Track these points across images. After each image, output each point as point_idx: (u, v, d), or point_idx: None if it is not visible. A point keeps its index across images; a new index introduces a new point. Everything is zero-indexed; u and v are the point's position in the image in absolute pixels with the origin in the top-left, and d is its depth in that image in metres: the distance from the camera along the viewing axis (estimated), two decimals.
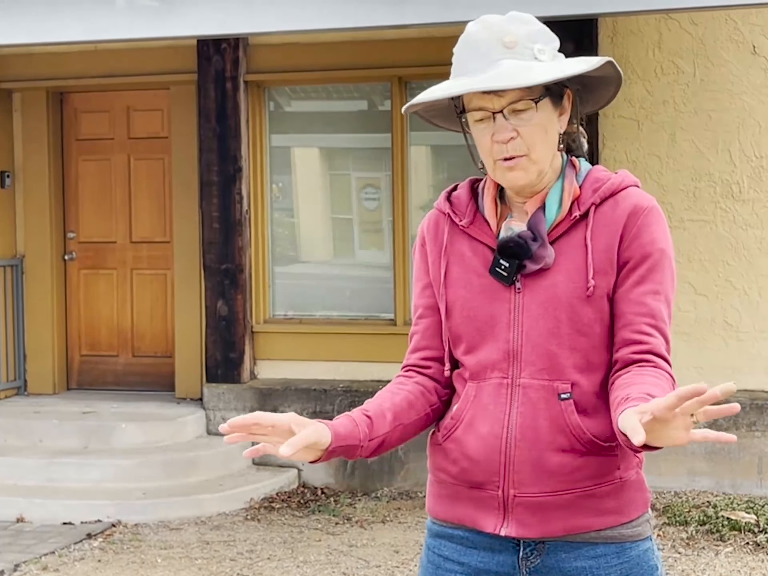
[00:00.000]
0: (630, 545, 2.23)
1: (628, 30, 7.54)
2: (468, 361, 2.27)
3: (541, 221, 2.22)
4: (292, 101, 8.56)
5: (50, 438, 7.76)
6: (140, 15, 6.93)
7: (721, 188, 7.45)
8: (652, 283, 2.19)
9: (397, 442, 2.28)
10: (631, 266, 2.19)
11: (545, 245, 2.20)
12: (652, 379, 2.10)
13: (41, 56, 8.47)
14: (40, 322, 8.77)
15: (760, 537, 6.22)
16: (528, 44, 2.16)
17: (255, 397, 7.93)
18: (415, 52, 7.72)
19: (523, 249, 2.20)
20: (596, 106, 2.36)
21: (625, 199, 2.23)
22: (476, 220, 2.30)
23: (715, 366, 7.46)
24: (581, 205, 2.23)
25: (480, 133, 2.20)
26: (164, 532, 6.73)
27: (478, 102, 2.17)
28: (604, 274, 2.19)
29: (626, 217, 2.20)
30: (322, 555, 6.26)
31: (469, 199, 2.32)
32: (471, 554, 2.28)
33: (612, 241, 2.20)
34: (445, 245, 2.31)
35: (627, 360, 2.17)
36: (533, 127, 2.17)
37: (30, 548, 6.40)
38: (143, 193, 8.74)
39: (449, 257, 2.30)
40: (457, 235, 2.31)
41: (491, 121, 2.17)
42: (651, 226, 2.21)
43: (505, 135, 2.16)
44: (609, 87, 2.29)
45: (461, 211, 2.31)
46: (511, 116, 2.16)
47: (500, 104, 2.15)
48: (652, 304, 2.19)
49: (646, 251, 2.19)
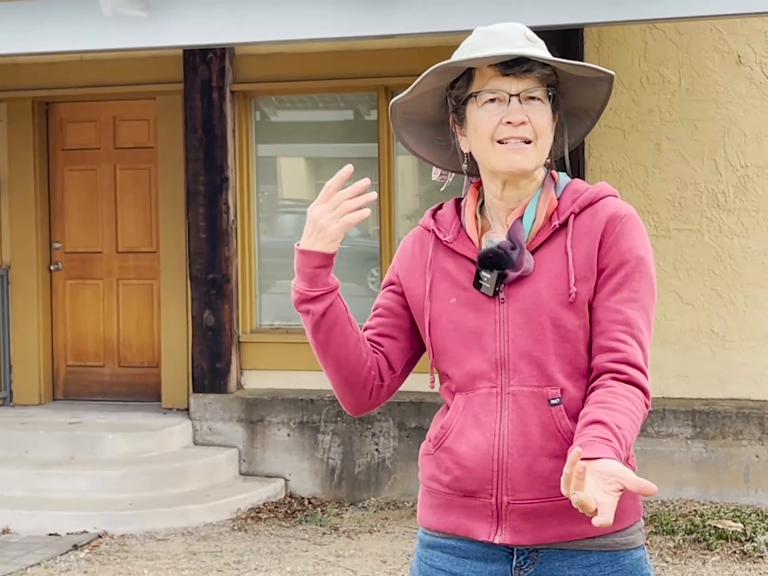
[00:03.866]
0: (623, 554, 2.23)
1: (613, 40, 7.57)
2: (455, 373, 2.27)
3: (519, 229, 2.24)
4: (279, 111, 8.57)
5: (36, 449, 7.73)
6: (127, 25, 6.92)
7: (706, 197, 7.48)
8: (629, 290, 2.20)
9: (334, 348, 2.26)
10: (608, 273, 2.21)
11: (524, 252, 2.23)
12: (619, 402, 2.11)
13: (27, 66, 8.46)
14: (26, 332, 8.74)
15: (747, 546, 6.23)
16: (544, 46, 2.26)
17: (242, 407, 7.91)
18: (401, 61, 7.73)
19: (502, 258, 2.22)
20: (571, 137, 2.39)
21: (603, 207, 2.25)
22: (460, 236, 2.32)
23: (701, 375, 7.48)
24: (560, 215, 2.26)
25: (486, 113, 2.23)
26: (151, 543, 6.71)
27: (496, 83, 2.22)
28: (585, 281, 2.21)
29: (604, 225, 2.23)
30: (310, 565, 6.25)
31: (453, 216, 2.35)
32: (464, 564, 2.28)
33: (591, 248, 2.22)
34: (430, 260, 2.33)
35: (602, 368, 2.19)
36: (543, 116, 2.22)
37: (16, 559, 6.37)
38: (129, 203, 8.73)
39: (434, 273, 2.32)
40: (442, 251, 2.33)
41: (504, 104, 2.21)
42: (629, 234, 2.22)
43: (519, 116, 2.20)
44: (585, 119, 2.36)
45: (446, 227, 2.34)
46: (524, 102, 2.21)
47: (518, 88, 2.21)
48: (628, 313, 2.19)
49: (623, 258, 2.21)
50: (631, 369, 2.17)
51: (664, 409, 7.22)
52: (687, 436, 7.23)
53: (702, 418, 7.21)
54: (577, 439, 2.07)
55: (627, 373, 2.17)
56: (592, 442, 2.02)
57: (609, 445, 2.02)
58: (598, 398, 2.14)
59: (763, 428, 7.11)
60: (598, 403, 2.12)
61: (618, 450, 2.02)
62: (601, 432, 2.04)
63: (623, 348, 2.18)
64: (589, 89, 2.30)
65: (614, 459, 1.98)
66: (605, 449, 2.01)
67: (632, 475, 1.94)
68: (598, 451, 2.00)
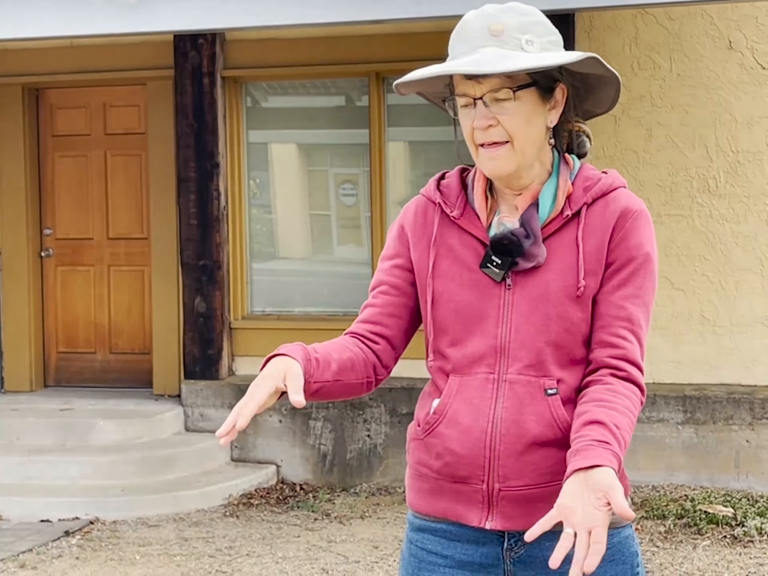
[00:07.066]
0: (611, 532, 2.23)
1: (604, 25, 7.56)
2: (453, 354, 2.25)
3: (534, 218, 2.21)
4: (270, 97, 8.55)
5: (28, 435, 7.72)
6: (117, 10, 6.90)
7: (697, 183, 7.48)
8: (634, 287, 2.20)
9: (330, 395, 2.25)
10: (615, 268, 2.20)
11: (538, 243, 2.20)
12: (618, 401, 2.11)
13: (16, 52, 8.43)
14: (17, 319, 8.73)
15: (738, 530, 6.25)
16: (516, 34, 2.15)
17: (233, 393, 7.91)
18: (392, 47, 7.71)
19: (516, 246, 2.19)
20: (599, 107, 2.33)
21: (616, 200, 2.23)
22: (466, 211, 2.28)
23: (692, 360, 7.49)
24: (573, 204, 2.23)
25: (463, 118, 2.21)
26: (142, 529, 6.71)
27: (461, 87, 2.18)
28: (593, 274, 2.20)
29: (616, 219, 2.20)
30: (301, 551, 6.25)
31: (459, 189, 2.31)
32: (454, 547, 2.28)
33: (602, 242, 2.20)
34: (435, 236, 2.28)
35: (602, 363, 2.18)
36: (514, 116, 2.16)
37: (8, 546, 6.37)
38: (120, 190, 8.71)
39: (438, 248, 2.28)
40: (447, 227, 2.29)
41: (473, 107, 2.17)
42: (639, 230, 2.21)
43: (482, 122, 2.16)
44: (608, 87, 2.27)
45: (452, 201, 2.30)
46: (492, 104, 2.16)
47: (480, 91, 2.15)
48: (631, 309, 2.19)
49: (631, 254, 2.20)
50: (630, 366, 2.18)
51: (654, 395, 7.23)
52: (678, 421, 7.24)
53: (693, 403, 7.23)
54: (575, 440, 2.06)
55: (626, 370, 2.17)
56: (589, 446, 2.02)
57: (607, 448, 2.02)
58: (596, 395, 2.14)
59: (753, 413, 7.13)
60: (597, 401, 2.12)
61: (616, 452, 2.02)
62: (599, 434, 2.04)
63: (623, 344, 2.18)
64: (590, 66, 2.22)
65: (609, 467, 1.98)
66: (602, 454, 2.00)
67: (619, 497, 1.92)
68: (594, 457, 1.99)
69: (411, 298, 2.33)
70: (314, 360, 2.18)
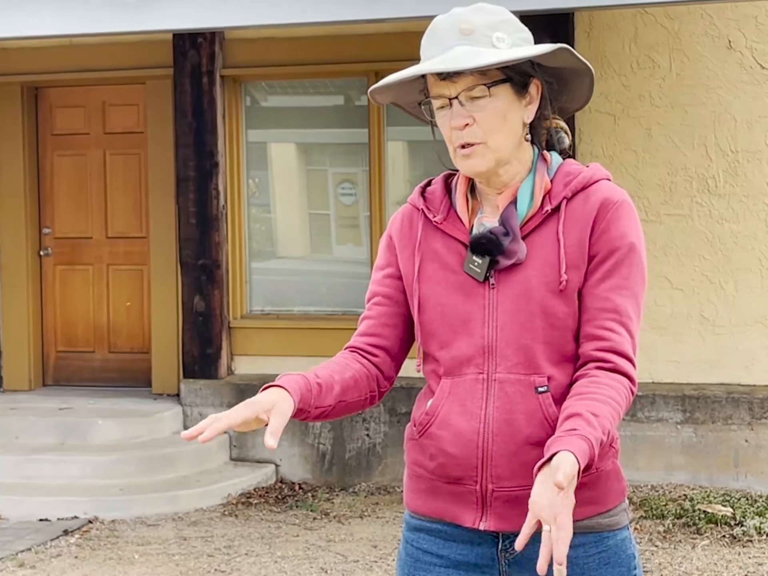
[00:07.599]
0: (608, 534, 2.24)
1: (604, 24, 7.56)
2: (442, 356, 2.26)
3: (513, 215, 2.21)
4: (269, 96, 8.55)
5: (27, 435, 7.72)
6: (116, 9, 6.90)
7: (697, 182, 7.48)
8: (619, 278, 2.18)
9: (334, 416, 2.27)
10: (598, 260, 2.19)
11: (517, 240, 2.20)
12: (600, 390, 2.10)
13: (16, 51, 8.42)
14: (16, 318, 8.73)
15: (737, 530, 6.25)
16: (487, 32, 2.16)
17: (232, 392, 7.91)
18: (391, 47, 7.70)
19: (495, 245, 2.19)
20: (575, 102, 2.34)
21: (596, 192, 2.22)
22: (450, 216, 2.29)
23: (691, 360, 7.49)
24: (553, 199, 2.22)
25: (441, 120, 2.21)
26: (141, 529, 6.71)
27: (436, 89, 2.18)
28: (576, 268, 2.19)
29: (596, 211, 2.19)
30: (300, 550, 6.25)
31: (443, 194, 2.32)
32: (450, 547, 2.28)
33: (583, 235, 2.19)
34: (419, 241, 2.30)
35: (589, 356, 2.18)
36: (489, 113, 2.16)
37: (6, 545, 6.37)
38: (119, 189, 8.70)
39: (423, 254, 2.29)
40: (431, 232, 2.30)
41: (449, 108, 2.18)
42: (621, 220, 2.20)
43: (459, 121, 2.16)
44: (582, 81, 2.27)
45: (435, 207, 2.31)
46: (467, 103, 2.16)
47: (455, 90, 2.15)
48: (617, 300, 2.17)
49: (614, 245, 2.18)
50: (617, 357, 2.16)
51: (654, 394, 7.23)
52: (677, 421, 7.24)
53: (692, 403, 7.23)
54: (551, 439, 2.05)
55: (612, 361, 2.16)
56: (555, 440, 2.01)
57: (573, 434, 2.00)
58: (578, 390, 2.13)
59: (752, 413, 7.12)
60: (578, 395, 2.11)
61: (584, 434, 2.00)
62: (568, 425, 2.03)
63: (610, 336, 2.16)
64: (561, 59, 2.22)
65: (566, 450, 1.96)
66: (565, 441, 1.99)
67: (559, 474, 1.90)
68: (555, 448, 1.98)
69: (405, 306, 2.34)
70: (315, 387, 2.20)
